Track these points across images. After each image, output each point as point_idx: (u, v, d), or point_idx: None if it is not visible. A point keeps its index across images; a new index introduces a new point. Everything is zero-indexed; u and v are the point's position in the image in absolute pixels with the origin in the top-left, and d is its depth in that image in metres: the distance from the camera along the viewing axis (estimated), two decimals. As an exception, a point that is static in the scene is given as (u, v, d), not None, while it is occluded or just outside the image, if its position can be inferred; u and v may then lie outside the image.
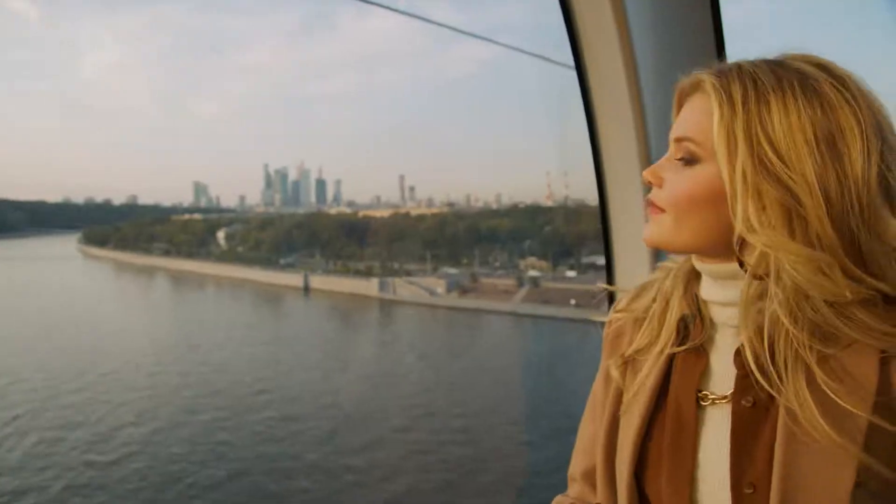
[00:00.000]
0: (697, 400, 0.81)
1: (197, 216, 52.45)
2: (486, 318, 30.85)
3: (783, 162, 0.70)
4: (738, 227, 0.72)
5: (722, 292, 0.82)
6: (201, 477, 17.32)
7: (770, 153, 0.70)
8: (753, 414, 0.76)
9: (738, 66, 0.76)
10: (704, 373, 0.82)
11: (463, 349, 28.04)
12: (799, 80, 0.72)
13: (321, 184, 70.14)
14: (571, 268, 32.55)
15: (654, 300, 0.90)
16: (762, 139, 0.70)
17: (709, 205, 0.76)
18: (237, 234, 44.47)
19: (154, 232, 46.95)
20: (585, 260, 32.50)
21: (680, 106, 0.84)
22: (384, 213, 48.96)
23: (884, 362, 0.68)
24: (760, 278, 0.74)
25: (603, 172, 1.80)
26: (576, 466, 1.00)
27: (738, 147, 0.71)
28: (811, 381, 0.69)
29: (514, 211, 42.58)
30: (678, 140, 0.80)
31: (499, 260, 36.08)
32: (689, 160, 0.78)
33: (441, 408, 21.76)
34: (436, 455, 18.19)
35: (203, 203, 68.57)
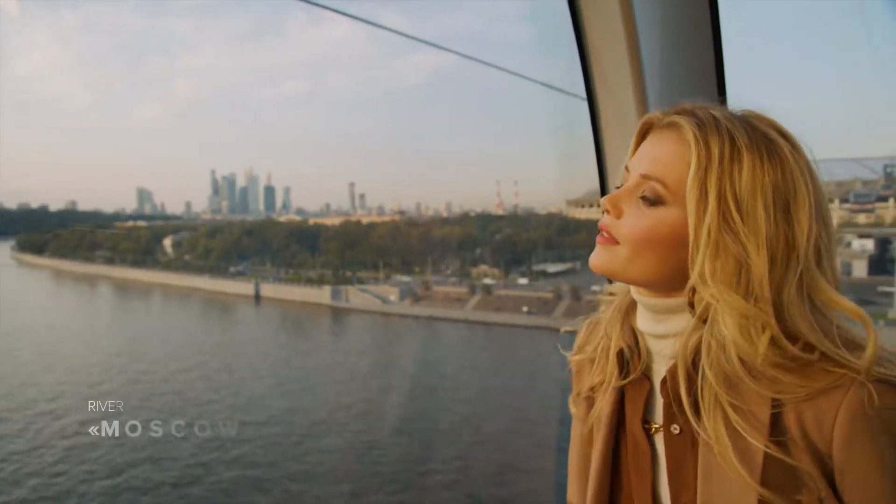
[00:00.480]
0: (645, 429, 0.88)
1: (141, 223, 50.93)
2: (439, 325, 31.13)
3: (743, 220, 0.76)
4: (694, 278, 0.79)
5: (658, 326, 0.88)
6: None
7: (734, 211, 0.77)
8: (681, 441, 0.83)
9: (715, 119, 0.81)
10: (648, 402, 0.90)
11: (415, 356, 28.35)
12: (766, 143, 0.79)
13: (270, 190, 69.46)
14: (523, 275, 33.21)
15: (601, 337, 0.97)
16: (729, 196, 0.77)
17: (666, 247, 0.82)
18: (184, 241, 43.42)
19: (96, 239, 45.32)
20: (537, 268, 33.18)
21: (642, 137, 0.89)
22: (335, 220, 48.71)
23: (775, 406, 0.76)
24: (703, 321, 0.81)
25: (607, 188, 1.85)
26: (572, 495, 1.05)
27: (707, 201, 0.77)
28: (725, 418, 0.77)
29: (465, 219, 43.11)
30: (646, 177, 0.83)
31: (450, 268, 36.45)
32: (654, 201, 0.82)
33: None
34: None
35: (147, 210, 66.86)
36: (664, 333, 0.87)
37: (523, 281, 32.61)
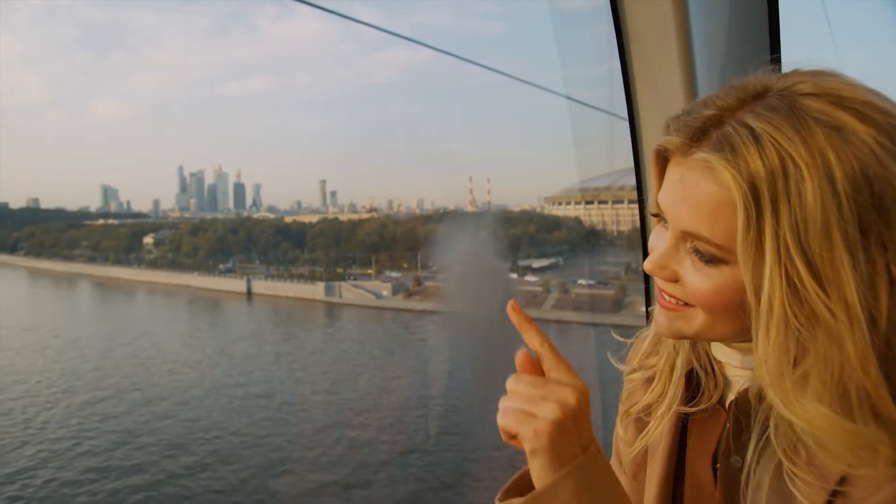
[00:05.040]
0: (715, 467, 0.72)
1: (112, 221, 50.50)
2: (435, 318, 32.75)
3: (818, 277, 0.54)
4: (761, 377, 0.59)
5: (740, 357, 0.71)
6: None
7: (802, 267, 0.54)
8: (737, 477, 0.67)
9: (754, 135, 0.56)
10: (723, 436, 0.72)
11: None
12: (835, 140, 0.53)
13: (239, 188, 69.29)
14: (510, 271, 35.25)
15: (667, 351, 0.80)
16: (793, 248, 0.54)
17: (746, 307, 0.59)
18: (167, 239, 43.65)
19: (72, 237, 44.94)
20: (522, 263, 35.29)
21: (663, 167, 0.67)
22: (311, 218, 49.55)
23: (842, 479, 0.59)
24: None
25: (645, 201, 1.52)
26: None
27: (764, 263, 0.56)
28: (777, 472, 0.61)
29: (447, 216, 44.88)
30: (688, 235, 0.62)
31: (437, 264, 38.14)
32: (710, 259, 0.61)
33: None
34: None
35: (113, 207, 65.65)
36: (749, 366, 0.69)
37: (512, 276, 34.64)
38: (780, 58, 0.66)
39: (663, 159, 0.67)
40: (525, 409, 0.61)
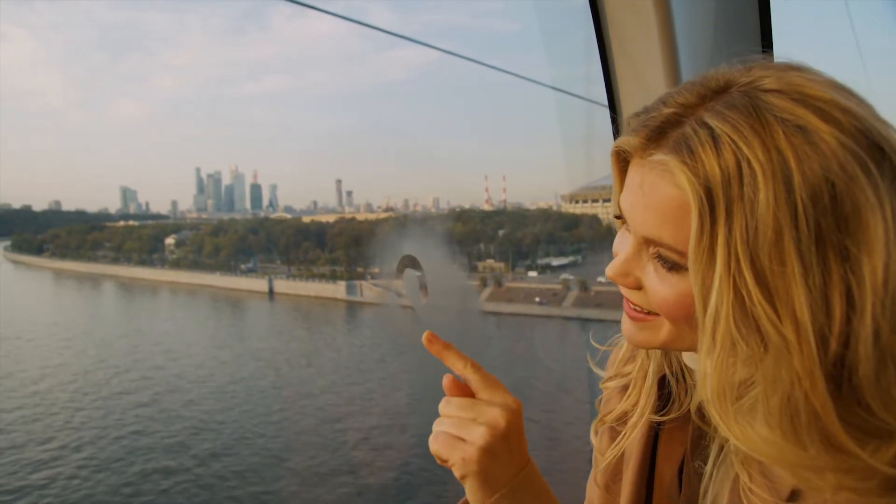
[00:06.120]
0: (681, 472, 0.70)
1: (133, 223, 51.30)
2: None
3: (765, 288, 0.50)
4: (703, 394, 0.55)
5: None
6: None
7: (749, 277, 0.50)
8: (698, 481, 0.64)
9: (713, 135, 0.52)
10: (689, 445, 0.69)
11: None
12: (798, 142, 0.50)
13: (256, 188, 69.94)
14: (529, 269, 35.54)
15: (641, 359, 0.76)
16: (742, 257, 0.50)
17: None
18: (188, 240, 44.36)
19: (95, 239, 45.75)
20: (541, 261, 35.59)
21: (623, 167, 0.63)
22: (329, 217, 50.06)
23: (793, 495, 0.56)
24: None
25: None
26: None
27: (714, 272, 0.52)
28: (734, 485, 0.59)
29: (464, 215, 45.24)
30: (649, 241, 0.59)
31: (458, 262, 38.48)
32: (674, 266, 0.57)
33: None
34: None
35: (132, 209, 66.59)
36: None
37: (533, 274, 34.95)
38: (771, 53, 0.63)
39: (623, 160, 0.64)
40: (454, 434, 0.62)
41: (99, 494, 17.87)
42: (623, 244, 0.63)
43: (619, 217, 0.65)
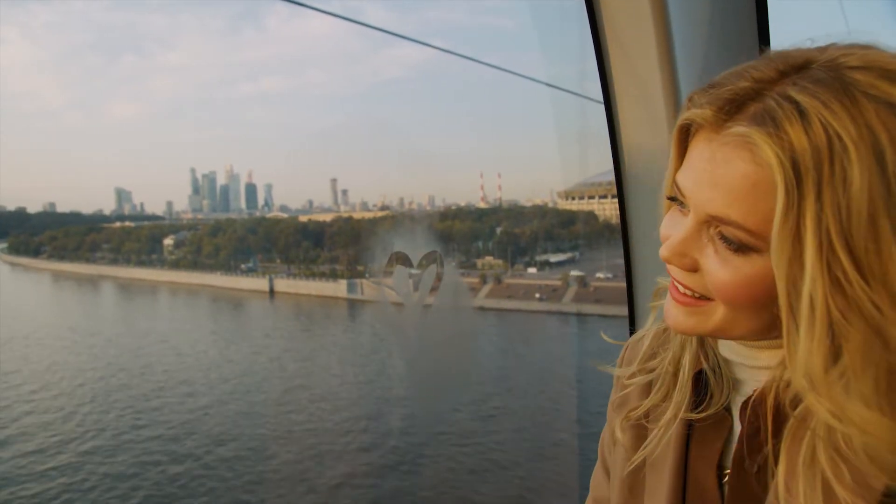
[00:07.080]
0: (719, 476, 0.67)
1: (129, 223, 51.19)
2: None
3: (862, 270, 0.48)
4: (796, 378, 0.53)
5: (754, 355, 0.66)
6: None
7: (845, 259, 0.48)
8: (750, 485, 0.62)
9: (798, 107, 0.50)
10: (727, 443, 0.67)
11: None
12: (882, 115, 0.48)
13: (251, 188, 69.72)
14: (527, 265, 35.95)
15: (670, 350, 0.74)
16: (836, 238, 0.48)
17: (775, 299, 0.54)
18: (187, 240, 44.45)
19: (94, 240, 45.73)
20: (540, 258, 36.00)
21: (684, 144, 0.61)
22: (326, 217, 50.13)
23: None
24: None
25: (625, 195, 1.56)
26: None
27: (804, 254, 0.49)
28: (825, 481, 0.54)
29: (460, 213, 45.54)
30: (716, 220, 0.56)
31: (455, 260, 38.86)
32: (740, 247, 0.55)
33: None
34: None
35: (127, 210, 66.15)
36: (765, 366, 0.64)
37: (532, 270, 35.36)
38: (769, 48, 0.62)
39: (686, 136, 0.62)
40: None
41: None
42: (675, 226, 0.61)
43: (671, 198, 0.64)
